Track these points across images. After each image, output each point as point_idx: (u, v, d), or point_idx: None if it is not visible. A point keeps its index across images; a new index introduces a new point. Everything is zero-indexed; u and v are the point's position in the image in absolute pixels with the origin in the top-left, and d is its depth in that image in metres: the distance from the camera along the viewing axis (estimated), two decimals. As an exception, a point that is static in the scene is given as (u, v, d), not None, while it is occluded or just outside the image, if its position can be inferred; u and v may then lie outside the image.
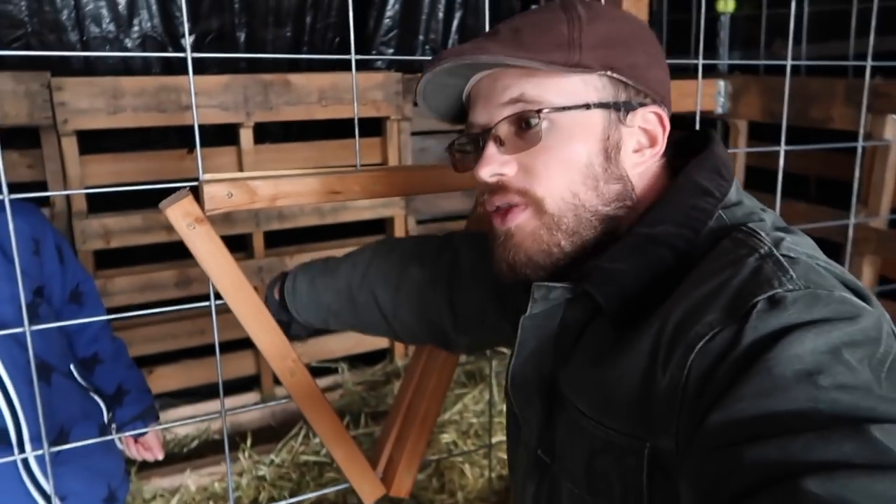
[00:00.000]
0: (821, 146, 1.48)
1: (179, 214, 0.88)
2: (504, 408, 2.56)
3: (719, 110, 2.74)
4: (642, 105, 0.69)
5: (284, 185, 0.92)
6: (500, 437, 2.37)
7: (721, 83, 2.72)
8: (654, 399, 0.57)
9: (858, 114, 2.16)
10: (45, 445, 0.93)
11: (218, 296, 0.95)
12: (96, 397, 1.30)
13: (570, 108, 0.66)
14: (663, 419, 0.56)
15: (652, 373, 0.58)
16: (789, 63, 1.21)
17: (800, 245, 0.61)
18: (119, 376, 1.36)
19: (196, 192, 0.91)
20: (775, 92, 2.49)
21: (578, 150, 0.66)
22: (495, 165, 0.68)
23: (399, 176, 1.00)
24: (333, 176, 0.95)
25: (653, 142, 0.70)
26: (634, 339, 0.61)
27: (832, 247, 0.55)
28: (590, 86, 0.67)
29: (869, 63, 1.35)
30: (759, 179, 2.79)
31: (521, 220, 0.68)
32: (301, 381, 1.00)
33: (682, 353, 0.55)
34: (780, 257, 0.58)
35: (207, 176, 0.92)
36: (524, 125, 0.66)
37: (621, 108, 0.68)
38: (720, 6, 2.73)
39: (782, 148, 1.26)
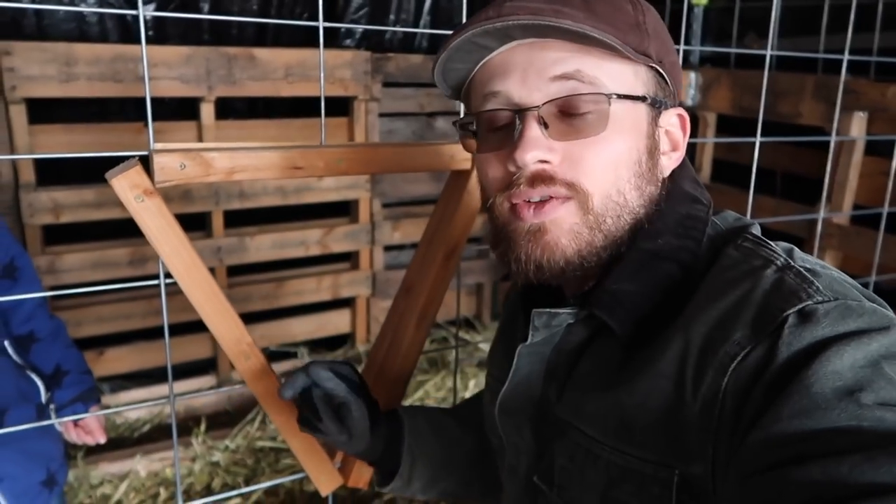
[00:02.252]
0: (793, 139, 1.48)
1: (127, 185, 0.81)
2: (465, 395, 2.54)
3: (689, 102, 2.74)
4: (672, 106, 0.65)
5: (242, 159, 0.86)
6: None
7: (692, 75, 2.72)
8: (684, 424, 0.54)
9: (827, 109, 2.17)
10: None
11: (169, 275, 0.89)
12: (34, 376, 1.24)
13: (631, 97, 0.60)
14: (697, 445, 0.53)
15: (679, 397, 0.54)
16: (769, 53, 1.19)
17: (806, 255, 0.59)
18: (57, 356, 1.30)
19: (147, 163, 0.84)
20: (746, 85, 2.50)
21: (630, 145, 0.60)
22: (541, 150, 0.58)
23: (365, 153, 0.95)
24: (295, 151, 0.89)
25: (675, 146, 0.66)
26: (650, 359, 0.57)
27: (795, 241, 0.55)
28: (640, 77, 0.61)
29: (846, 57, 1.34)
30: (726, 173, 2.81)
31: (560, 214, 0.59)
32: (256, 366, 0.95)
33: (713, 376, 0.52)
34: (800, 268, 0.55)
35: (159, 145, 0.85)
36: (575, 110, 0.58)
37: (659, 106, 0.63)
38: (694, -2, 2.73)
39: (757, 140, 1.25)
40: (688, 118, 0.67)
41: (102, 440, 1.36)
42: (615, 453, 0.59)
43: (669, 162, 0.65)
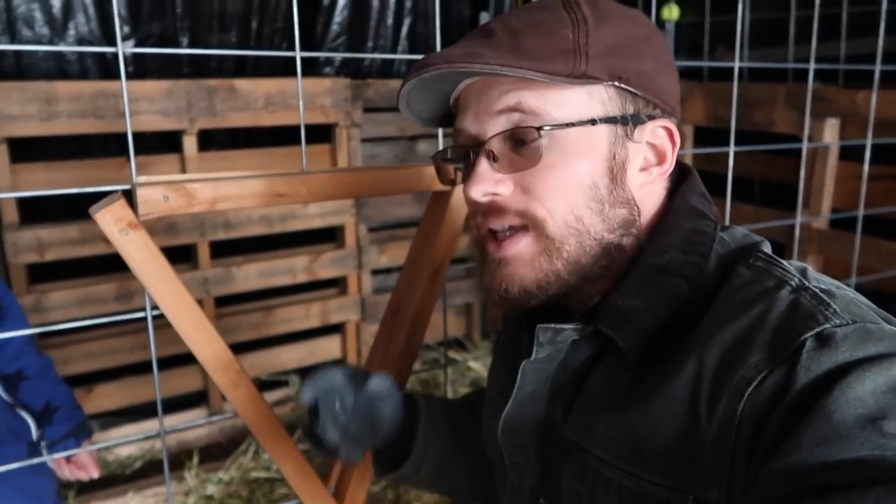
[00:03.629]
0: (766, 147, 1.51)
1: (111, 219, 0.82)
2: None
3: (666, 115, 2.79)
4: (651, 118, 0.63)
5: (225, 188, 0.87)
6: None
7: (667, 89, 2.77)
8: (699, 449, 0.53)
9: (800, 117, 2.21)
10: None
11: (156, 307, 0.89)
12: (24, 414, 1.23)
13: (573, 124, 0.59)
14: (712, 470, 0.52)
15: (694, 422, 0.53)
16: (737, 64, 1.23)
17: (820, 275, 0.58)
18: (47, 393, 1.30)
19: (130, 197, 0.85)
20: (719, 97, 2.54)
21: (581, 169, 0.60)
22: (488, 184, 0.61)
23: (347, 177, 0.96)
24: (278, 178, 0.90)
25: (661, 159, 0.64)
26: (662, 381, 0.56)
27: (776, 247, 0.56)
28: (595, 97, 0.60)
29: (812, 66, 1.38)
30: (706, 183, 2.85)
31: (519, 248, 0.61)
32: (246, 395, 0.95)
33: (729, 401, 0.51)
34: (816, 290, 0.54)
35: (142, 178, 0.86)
36: (521, 141, 0.60)
37: (629, 122, 0.61)
38: (665, 13, 2.79)
39: (731, 149, 1.28)
40: (675, 129, 0.65)
41: (96, 475, 1.35)
42: (627, 477, 0.58)
43: (651, 177, 0.64)
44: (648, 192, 0.64)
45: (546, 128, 0.59)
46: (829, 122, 2.20)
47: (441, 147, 0.71)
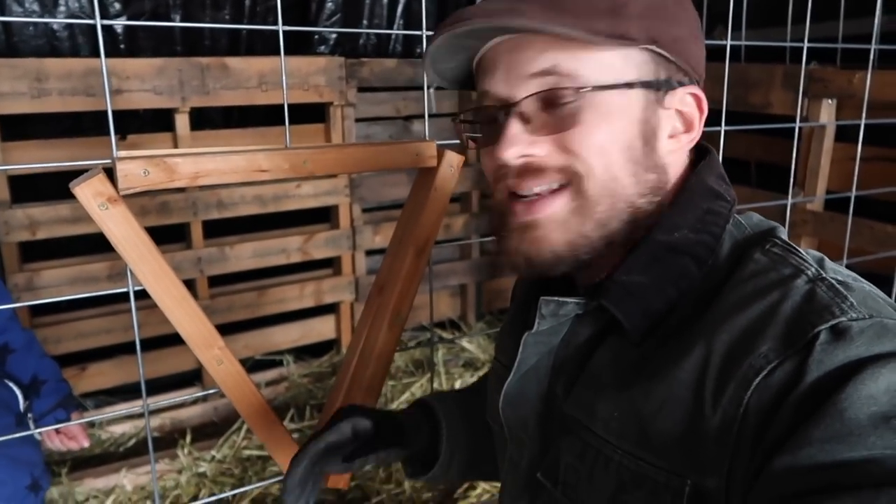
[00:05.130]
0: (758, 126, 1.50)
1: (90, 194, 0.81)
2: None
3: (663, 96, 2.77)
4: (681, 84, 0.61)
5: (206, 163, 0.86)
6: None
7: (664, 69, 2.74)
8: (701, 436, 0.52)
9: (796, 98, 2.20)
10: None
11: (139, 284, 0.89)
12: (12, 385, 1.25)
13: (611, 86, 0.58)
14: (713, 458, 0.51)
15: (699, 408, 0.53)
16: (728, 43, 1.21)
17: (837, 266, 0.57)
18: (33, 366, 1.32)
19: (111, 172, 0.85)
20: (717, 77, 2.52)
21: (617, 129, 0.58)
22: (522, 146, 0.59)
23: (329, 153, 0.95)
24: (260, 153, 0.89)
25: (688, 127, 0.63)
26: (668, 363, 0.55)
27: None
28: (630, 61, 0.59)
29: (805, 45, 1.36)
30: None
31: (553, 209, 0.59)
32: (229, 371, 0.95)
33: (735, 389, 0.51)
34: (833, 281, 0.53)
35: (122, 153, 0.85)
36: (555, 103, 0.58)
37: (661, 88, 0.60)
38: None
39: (722, 129, 1.27)
40: (703, 97, 0.63)
41: (86, 443, 1.38)
42: (628, 457, 0.57)
43: (680, 144, 0.63)
44: (674, 160, 0.63)
45: (585, 89, 0.57)
46: (826, 102, 2.18)
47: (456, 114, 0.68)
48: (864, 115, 1.60)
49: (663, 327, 0.59)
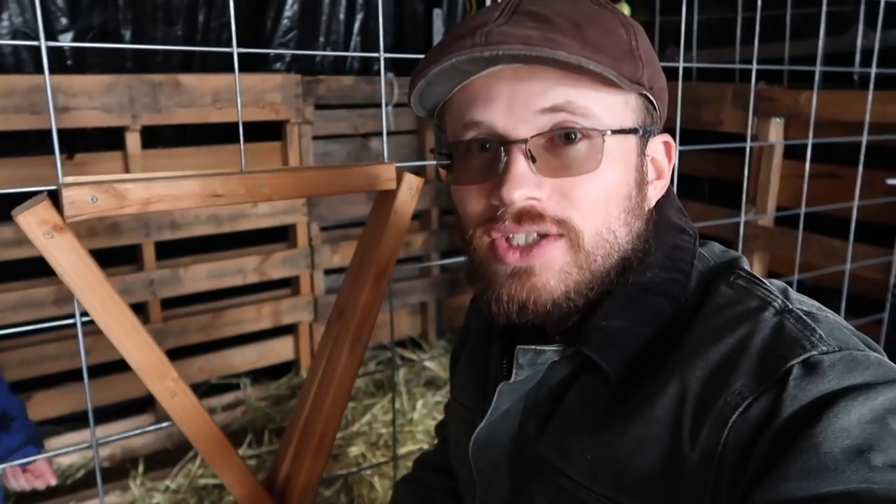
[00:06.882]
0: (712, 146, 1.53)
1: (34, 222, 0.78)
2: (412, 416, 2.51)
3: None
4: (659, 132, 0.62)
5: (158, 188, 0.83)
6: (408, 446, 2.32)
7: (619, 88, 2.79)
8: (680, 474, 0.52)
9: (746, 117, 2.26)
10: None
11: (86, 313, 0.85)
12: None
13: (623, 130, 0.56)
14: (693, 496, 0.51)
15: (676, 446, 0.52)
16: (682, 65, 1.24)
17: (800, 295, 0.58)
18: (1, 403, 1.25)
19: (57, 198, 0.81)
20: (669, 97, 2.57)
21: (621, 179, 0.57)
22: (530, 187, 0.55)
23: (286, 178, 0.94)
24: (215, 178, 0.87)
25: (660, 173, 0.63)
26: (643, 402, 0.55)
27: (724, 244, 0.56)
28: (629, 105, 0.58)
29: (754, 66, 1.40)
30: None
31: (551, 256, 0.56)
32: (183, 402, 0.91)
33: (712, 426, 0.50)
34: (800, 312, 0.54)
35: (69, 179, 0.82)
36: (565, 144, 0.55)
37: (647, 134, 0.60)
38: (616, 13, 2.81)
39: (676, 147, 1.28)
40: (673, 144, 0.64)
41: (53, 482, 1.34)
42: (603, 500, 0.56)
43: (654, 191, 0.63)
44: (649, 206, 0.62)
45: (602, 132, 0.55)
46: (774, 121, 2.25)
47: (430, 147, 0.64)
48: (811, 133, 1.64)
49: (637, 367, 0.58)
